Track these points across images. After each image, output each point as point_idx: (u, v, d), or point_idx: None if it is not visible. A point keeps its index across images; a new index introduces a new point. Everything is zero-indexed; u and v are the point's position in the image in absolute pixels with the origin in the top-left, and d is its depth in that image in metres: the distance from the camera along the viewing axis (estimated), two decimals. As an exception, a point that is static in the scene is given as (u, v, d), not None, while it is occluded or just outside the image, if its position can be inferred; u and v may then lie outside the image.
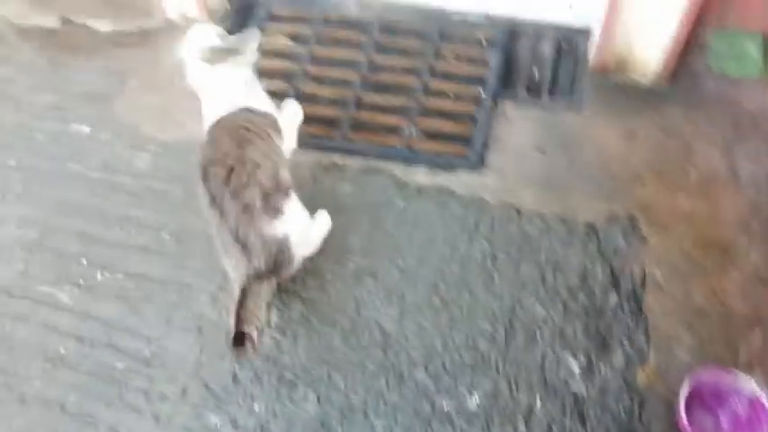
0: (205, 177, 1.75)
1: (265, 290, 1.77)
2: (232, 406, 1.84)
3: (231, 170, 1.72)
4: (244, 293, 1.70)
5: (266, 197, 1.73)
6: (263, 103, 1.94)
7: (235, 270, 1.76)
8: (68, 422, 1.85)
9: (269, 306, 1.82)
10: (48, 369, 1.93)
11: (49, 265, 2.12)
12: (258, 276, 1.72)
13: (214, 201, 1.72)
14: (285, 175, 1.82)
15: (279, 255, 1.74)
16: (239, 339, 1.67)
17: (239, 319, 1.67)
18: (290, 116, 2.04)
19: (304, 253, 1.89)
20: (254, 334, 1.69)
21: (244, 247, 1.70)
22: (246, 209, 1.70)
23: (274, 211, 1.74)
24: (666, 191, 2.10)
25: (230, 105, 1.85)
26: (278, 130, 1.92)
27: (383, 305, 1.97)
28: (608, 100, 2.29)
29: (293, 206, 1.81)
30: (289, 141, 2.00)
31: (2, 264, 2.14)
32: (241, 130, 1.80)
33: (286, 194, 1.79)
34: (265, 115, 1.90)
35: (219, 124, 1.83)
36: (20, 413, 1.87)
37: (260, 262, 1.71)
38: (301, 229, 1.86)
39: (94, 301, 2.04)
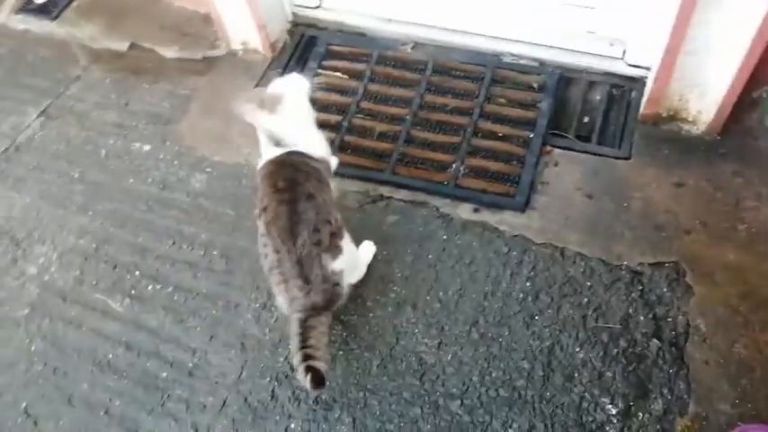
0: (284, 212, 1.76)
1: (324, 323, 1.80)
2: (269, 422, 1.88)
3: (316, 206, 1.78)
4: (306, 330, 1.74)
5: (333, 235, 1.79)
6: (320, 149, 1.99)
7: (290, 305, 1.79)
8: (111, 426, 1.91)
9: (329, 337, 1.85)
10: (96, 373, 2.01)
11: (104, 274, 2.21)
12: (314, 310, 1.77)
13: (291, 232, 1.73)
14: (339, 216, 1.89)
15: (335, 290, 1.80)
16: (317, 377, 1.69)
17: (311, 358, 1.70)
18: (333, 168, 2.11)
19: (350, 281, 1.93)
20: (325, 369, 1.72)
21: (306, 281, 1.74)
22: (318, 244, 1.75)
23: (336, 249, 1.80)
24: (713, 243, 2.08)
25: (282, 149, 1.89)
26: (331, 175, 1.99)
27: (422, 335, 1.99)
28: (657, 148, 2.30)
29: (347, 245, 1.87)
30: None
31: (60, 270, 2.24)
32: (312, 173, 1.86)
33: (341, 235, 1.86)
34: (322, 161, 1.96)
35: (287, 164, 1.86)
36: (67, 413, 1.94)
37: (318, 297, 1.75)
38: (352, 263, 1.91)
39: (144, 311, 2.12)
